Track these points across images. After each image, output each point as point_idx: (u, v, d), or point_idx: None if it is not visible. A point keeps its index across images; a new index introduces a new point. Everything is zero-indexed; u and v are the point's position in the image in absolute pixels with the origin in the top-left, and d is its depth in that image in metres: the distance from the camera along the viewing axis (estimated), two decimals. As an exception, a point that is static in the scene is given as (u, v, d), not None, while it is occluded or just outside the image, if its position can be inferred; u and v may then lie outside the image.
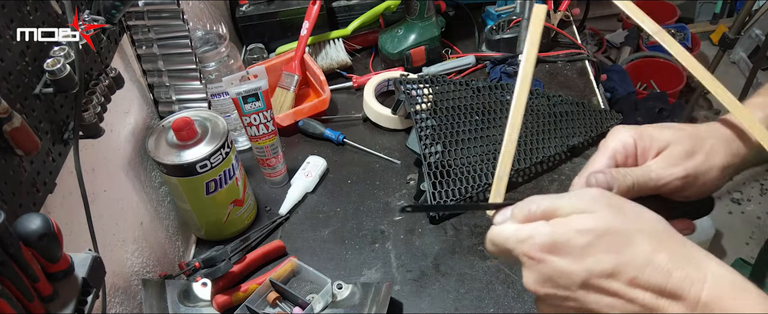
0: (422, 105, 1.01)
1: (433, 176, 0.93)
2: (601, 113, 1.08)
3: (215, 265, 0.81)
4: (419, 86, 1.04)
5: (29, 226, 0.45)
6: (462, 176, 0.94)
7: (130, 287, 0.80)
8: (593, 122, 1.05)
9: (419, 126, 0.98)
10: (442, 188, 0.92)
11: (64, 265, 0.50)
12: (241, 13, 1.30)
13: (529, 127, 1.02)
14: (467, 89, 1.06)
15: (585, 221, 0.42)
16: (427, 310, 0.82)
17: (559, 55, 1.25)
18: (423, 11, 1.19)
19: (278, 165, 1.01)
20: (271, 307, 0.81)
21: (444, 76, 1.08)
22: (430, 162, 0.94)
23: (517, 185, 0.98)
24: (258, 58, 1.28)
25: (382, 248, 0.91)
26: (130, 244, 0.82)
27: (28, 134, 0.55)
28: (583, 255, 0.41)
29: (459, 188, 0.93)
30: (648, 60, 2.43)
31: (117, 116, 0.83)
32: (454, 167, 0.95)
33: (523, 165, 0.97)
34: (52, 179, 0.63)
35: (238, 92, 0.90)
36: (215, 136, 0.83)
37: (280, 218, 0.97)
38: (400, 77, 1.07)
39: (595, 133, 1.04)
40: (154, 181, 0.93)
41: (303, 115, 1.14)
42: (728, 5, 2.74)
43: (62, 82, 0.60)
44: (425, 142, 0.96)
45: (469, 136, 0.99)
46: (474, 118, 1.02)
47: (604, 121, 1.06)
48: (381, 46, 1.26)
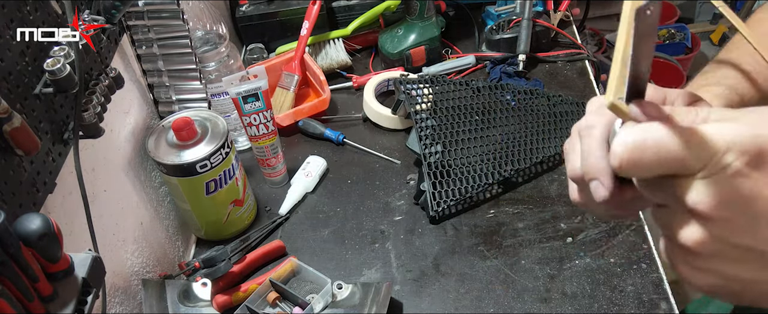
0: (422, 105, 1.01)
1: (433, 176, 0.93)
2: (601, 113, 1.07)
3: (215, 265, 0.81)
4: (419, 86, 1.04)
5: (29, 226, 0.45)
6: (462, 176, 0.94)
7: (130, 287, 0.80)
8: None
9: (419, 126, 0.98)
10: (442, 188, 0.92)
11: (64, 265, 0.50)
12: (241, 13, 1.30)
13: (529, 126, 1.02)
14: (467, 89, 1.06)
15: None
16: (427, 310, 0.82)
17: (559, 55, 1.25)
18: (423, 11, 1.19)
19: (278, 165, 1.01)
20: (271, 307, 0.81)
21: (444, 76, 1.08)
22: (430, 163, 0.94)
23: (517, 185, 0.98)
24: (258, 58, 1.28)
25: (382, 248, 0.91)
26: (130, 244, 0.82)
27: (28, 134, 0.55)
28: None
29: (459, 188, 0.93)
30: (648, 60, 2.43)
31: (117, 116, 0.83)
32: (454, 167, 0.95)
33: (523, 165, 0.97)
34: (52, 179, 0.63)
35: (238, 92, 0.90)
36: (215, 136, 0.83)
37: (280, 218, 0.97)
38: (400, 77, 1.07)
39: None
40: (154, 181, 0.93)
41: (303, 115, 1.14)
42: (728, 5, 2.73)
43: (62, 82, 0.60)
44: (425, 142, 0.96)
45: (469, 136, 0.99)
46: (474, 118, 1.02)
47: (604, 121, 1.06)
48: (381, 46, 1.26)
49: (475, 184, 0.93)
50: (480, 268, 0.86)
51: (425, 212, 0.94)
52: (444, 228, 0.93)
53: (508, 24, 1.26)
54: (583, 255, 0.85)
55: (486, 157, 0.97)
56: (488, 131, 1.01)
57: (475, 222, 0.93)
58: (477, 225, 0.93)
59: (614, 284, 0.81)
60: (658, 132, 0.31)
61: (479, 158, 0.97)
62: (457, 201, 0.92)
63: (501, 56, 1.23)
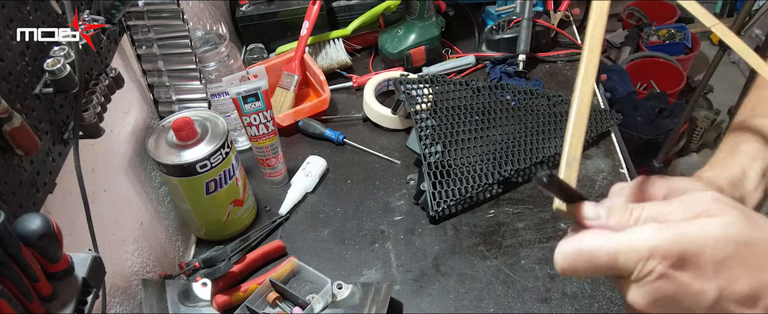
0: (422, 105, 1.01)
1: (433, 176, 0.93)
2: (601, 113, 1.08)
3: (215, 265, 0.81)
4: (419, 86, 1.04)
5: (29, 226, 0.45)
6: (462, 176, 0.94)
7: (130, 287, 0.80)
8: (593, 122, 1.05)
9: (419, 126, 0.98)
10: (442, 188, 0.92)
11: (64, 265, 0.50)
12: (241, 13, 1.30)
13: (529, 127, 1.02)
14: (467, 89, 1.06)
15: (719, 227, 0.32)
16: (427, 310, 0.82)
17: (559, 55, 1.25)
18: (423, 11, 1.19)
19: (278, 165, 1.01)
20: (271, 307, 0.81)
21: (444, 76, 1.08)
22: (430, 163, 0.94)
23: (517, 185, 0.98)
24: (258, 58, 1.28)
25: (382, 248, 0.91)
26: (130, 244, 0.82)
27: (28, 134, 0.55)
28: (718, 270, 0.32)
29: (459, 188, 0.93)
30: (648, 60, 2.43)
31: (117, 116, 0.83)
32: (454, 167, 0.95)
33: (522, 165, 0.97)
34: (52, 179, 0.63)
35: (238, 92, 0.90)
36: (215, 136, 0.83)
37: (280, 218, 0.97)
38: (400, 77, 1.07)
39: (594, 133, 1.04)
40: (154, 181, 0.93)
41: (303, 115, 1.14)
42: (728, 5, 2.74)
43: (62, 82, 0.60)
44: (425, 142, 0.96)
45: (469, 136, 0.99)
46: (474, 118, 1.02)
47: (604, 121, 1.06)
48: (381, 46, 1.26)
49: (475, 184, 0.93)
50: (480, 268, 0.86)
51: (425, 212, 0.94)
52: (444, 228, 0.93)
53: (508, 24, 1.26)
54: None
55: (486, 157, 0.97)
56: (488, 131, 1.01)
57: (475, 222, 0.93)
58: (477, 225, 0.93)
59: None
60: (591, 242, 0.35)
61: (479, 158, 0.97)
62: (457, 201, 0.92)
63: (501, 56, 1.23)
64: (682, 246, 0.32)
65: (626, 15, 2.72)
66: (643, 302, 0.34)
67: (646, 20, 2.65)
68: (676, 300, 0.33)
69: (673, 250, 0.32)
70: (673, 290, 0.33)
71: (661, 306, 0.34)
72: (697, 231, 0.33)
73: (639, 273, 0.33)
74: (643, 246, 0.33)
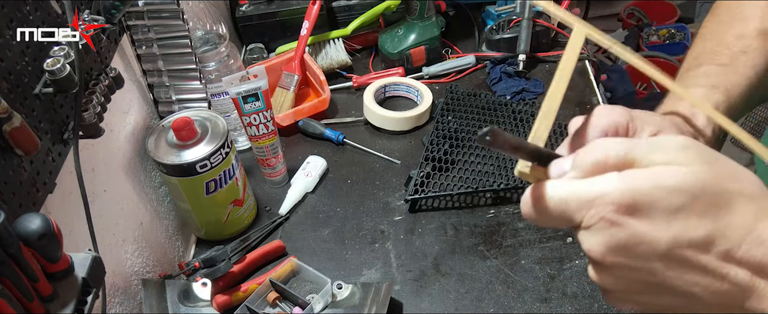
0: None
1: (425, 167, 0.95)
2: (601, 113, 1.08)
3: (215, 265, 0.81)
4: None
5: (29, 226, 0.45)
6: (456, 174, 0.95)
7: (130, 287, 0.80)
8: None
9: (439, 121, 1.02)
10: (430, 179, 0.95)
11: (64, 265, 0.50)
12: (241, 13, 1.30)
13: (529, 127, 1.02)
14: (495, 100, 1.07)
15: (675, 176, 0.32)
16: (427, 310, 0.82)
17: (559, 55, 1.25)
18: (423, 11, 1.19)
19: (278, 166, 1.01)
20: (271, 307, 0.81)
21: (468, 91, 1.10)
22: (432, 155, 0.95)
23: (518, 187, 0.98)
24: (258, 58, 1.28)
25: (382, 248, 0.91)
26: (130, 244, 0.82)
27: (28, 134, 0.55)
28: (670, 219, 0.33)
29: (442, 183, 0.93)
30: (648, 60, 2.43)
31: (117, 116, 0.83)
32: (454, 166, 0.96)
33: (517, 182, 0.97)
34: (52, 179, 0.63)
35: (238, 92, 0.90)
36: (215, 136, 0.83)
37: (280, 218, 0.97)
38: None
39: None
40: (154, 181, 0.93)
41: (303, 115, 1.14)
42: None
43: (62, 82, 0.60)
44: (436, 137, 0.99)
45: (469, 136, 1.00)
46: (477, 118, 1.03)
47: (604, 121, 1.06)
48: (381, 45, 1.26)
49: (461, 186, 0.94)
50: (480, 268, 0.86)
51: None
52: (444, 228, 0.93)
53: (508, 24, 1.26)
54: (583, 255, 0.85)
55: (486, 159, 0.98)
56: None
57: (475, 222, 0.93)
58: (477, 225, 0.93)
59: (614, 284, 0.81)
60: (546, 189, 0.36)
61: (479, 158, 0.98)
62: (436, 194, 0.93)
63: (501, 56, 1.23)
64: (633, 193, 0.33)
65: (626, 15, 2.72)
66: (597, 250, 0.35)
67: (646, 20, 2.65)
68: (628, 247, 0.34)
69: (624, 198, 0.33)
70: (625, 237, 0.33)
71: (615, 253, 0.34)
72: (652, 179, 0.33)
73: (589, 220, 0.34)
74: (592, 192, 0.34)
